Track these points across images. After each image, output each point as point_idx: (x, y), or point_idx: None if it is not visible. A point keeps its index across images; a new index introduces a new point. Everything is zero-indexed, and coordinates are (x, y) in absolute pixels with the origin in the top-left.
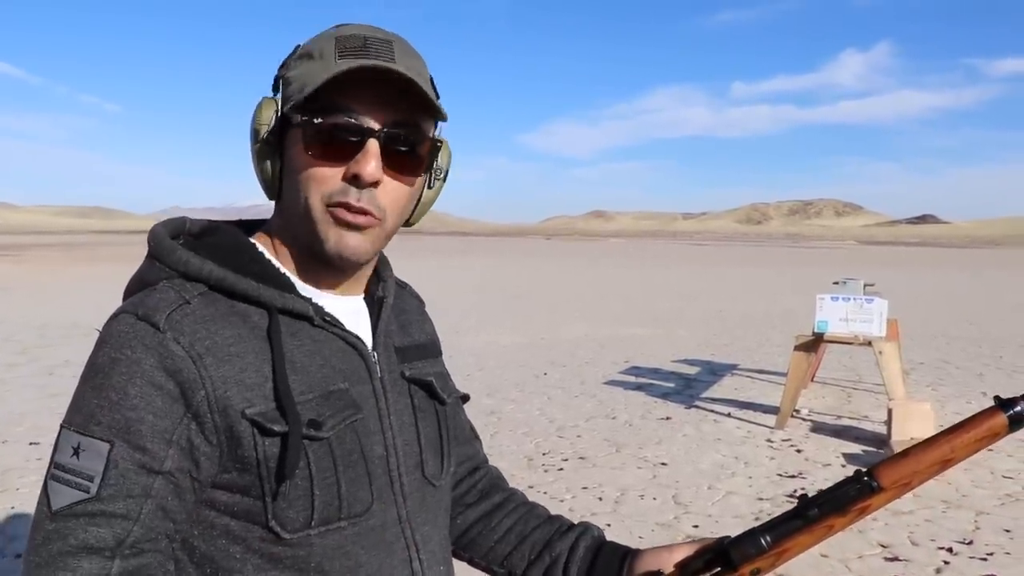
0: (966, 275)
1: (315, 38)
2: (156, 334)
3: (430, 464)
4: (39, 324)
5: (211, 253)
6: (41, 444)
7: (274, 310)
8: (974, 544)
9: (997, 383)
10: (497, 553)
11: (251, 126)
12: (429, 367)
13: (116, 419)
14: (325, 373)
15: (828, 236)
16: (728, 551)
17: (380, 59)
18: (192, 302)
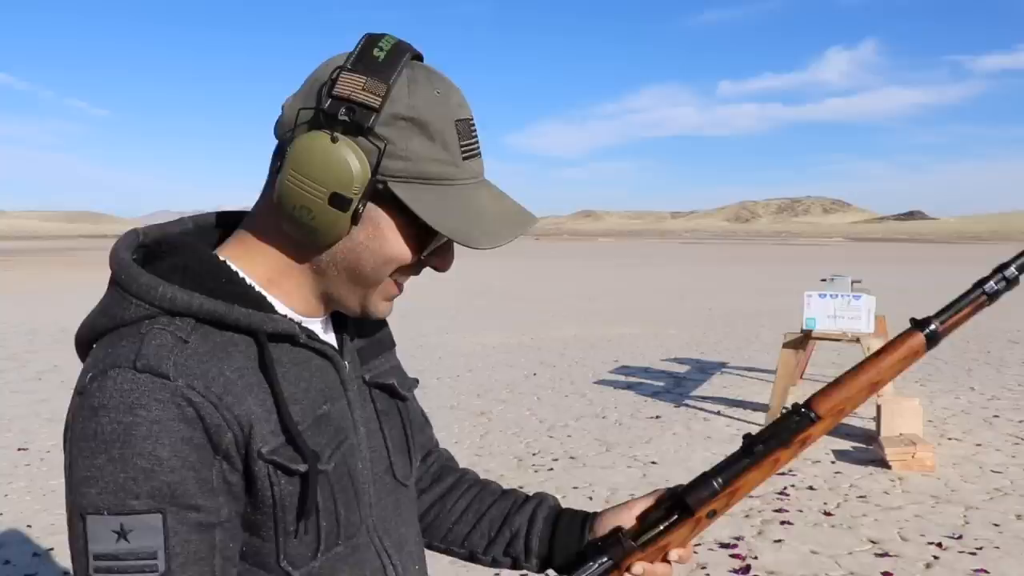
0: (953, 271)
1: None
2: (167, 385)
3: (399, 466)
4: (27, 329)
5: (187, 278)
6: (29, 450)
7: (263, 336)
8: (964, 539)
9: (985, 378)
10: (456, 534)
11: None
12: (385, 363)
13: (157, 487)
14: (310, 397)
15: (816, 233)
16: (684, 498)
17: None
18: (190, 340)
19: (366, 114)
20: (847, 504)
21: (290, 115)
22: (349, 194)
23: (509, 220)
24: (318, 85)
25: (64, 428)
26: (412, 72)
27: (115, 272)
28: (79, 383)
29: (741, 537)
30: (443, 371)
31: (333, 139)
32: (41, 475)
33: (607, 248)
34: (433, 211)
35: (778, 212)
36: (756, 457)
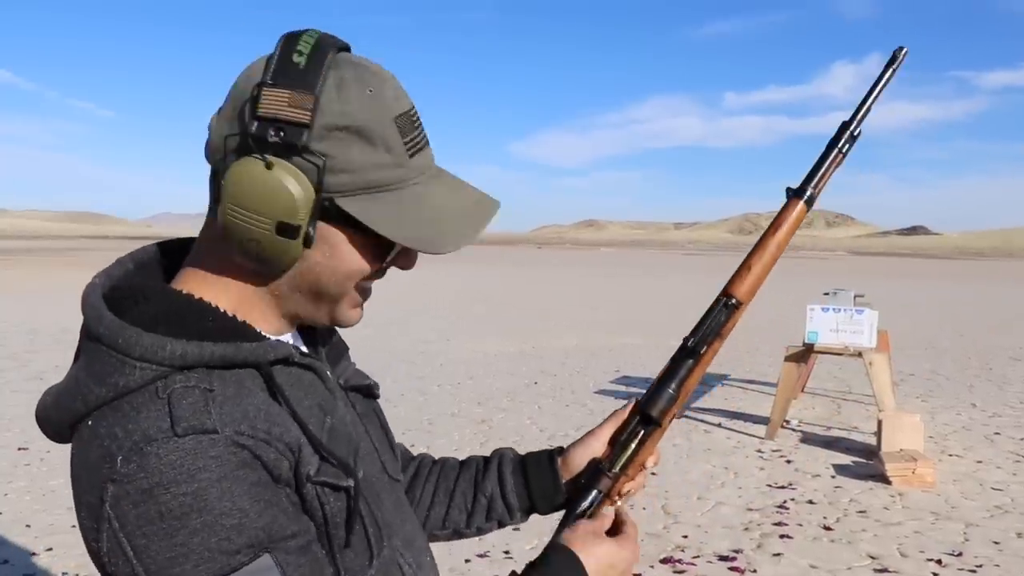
0: (956, 286)
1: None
2: (217, 439)
3: (389, 463)
4: (29, 329)
5: (175, 326)
6: (29, 450)
7: (266, 367)
8: (963, 556)
9: (987, 394)
10: (435, 517)
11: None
12: (349, 364)
13: (254, 535)
14: (315, 413)
15: (819, 247)
16: (647, 412)
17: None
18: (214, 388)
19: (297, 132)
20: (847, 519)
21: (217, 140)
22: (296, 221)
23: (469, 215)
24: (241, 104)
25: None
26: (339, 73)
27: (104, 336)
28: (99, 467)
29: (740, 550)
30: (444, 378)
31: (267, 165)
32: (41, 475)
33: (609, 258)
34: (386, 222)
35: None
36: (700, 356)
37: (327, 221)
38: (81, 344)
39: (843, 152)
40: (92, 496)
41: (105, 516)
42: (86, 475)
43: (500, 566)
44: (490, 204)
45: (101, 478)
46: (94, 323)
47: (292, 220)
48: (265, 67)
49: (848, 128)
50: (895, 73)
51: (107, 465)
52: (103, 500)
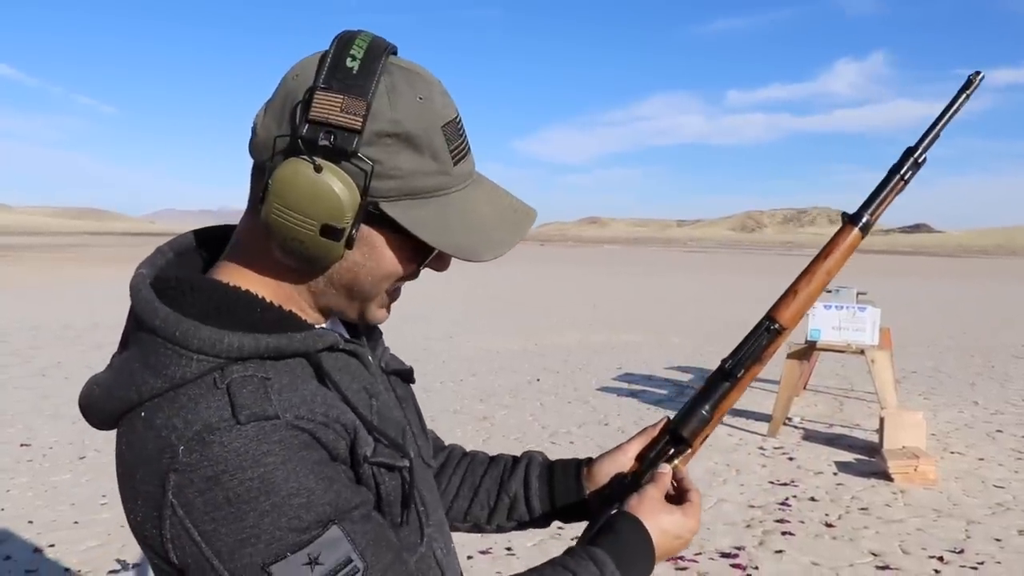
0: (958, 284)
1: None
2: (278, 424)
3: (424, 448)
4: (31, 325)
5: (226, 318)
6: (32, 446)
7: (312, 355)
8: (965, 553)
9: (989, 392)
10: (457, 510)
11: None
12: (386, 349)
13: (321, 511)
14: (362, 398)
15: (821, 244)
16: (678, 431)
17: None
18: (271, 376)
19: (348, 137)
20: (849, 516)
21: (265, 138)
22: (341, 224)
23: (508, 223)
24: (291, 105)
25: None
26: (391, 80)
27: (161, 328)
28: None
29: (742, 547)
30: (447, 375)
31: (317, 168)
32: (43, 471)
33: (612, 255)
34: (430, 228)
35: (784, 222)
36: (737, 380)
37: (369, 224)
38: (131, 335)
39: (905, 179)
40: (151, 486)
41: (168, 504)
42: (144, 465)
43: (504, 563)
44: (528, 212)
45: (162, 468)
46: (149, 315)
47: (337, 223)
48: (318, 69)
49: (912, 154)
50: (968, 98)
51: (168, 455)
52: (165, 489)
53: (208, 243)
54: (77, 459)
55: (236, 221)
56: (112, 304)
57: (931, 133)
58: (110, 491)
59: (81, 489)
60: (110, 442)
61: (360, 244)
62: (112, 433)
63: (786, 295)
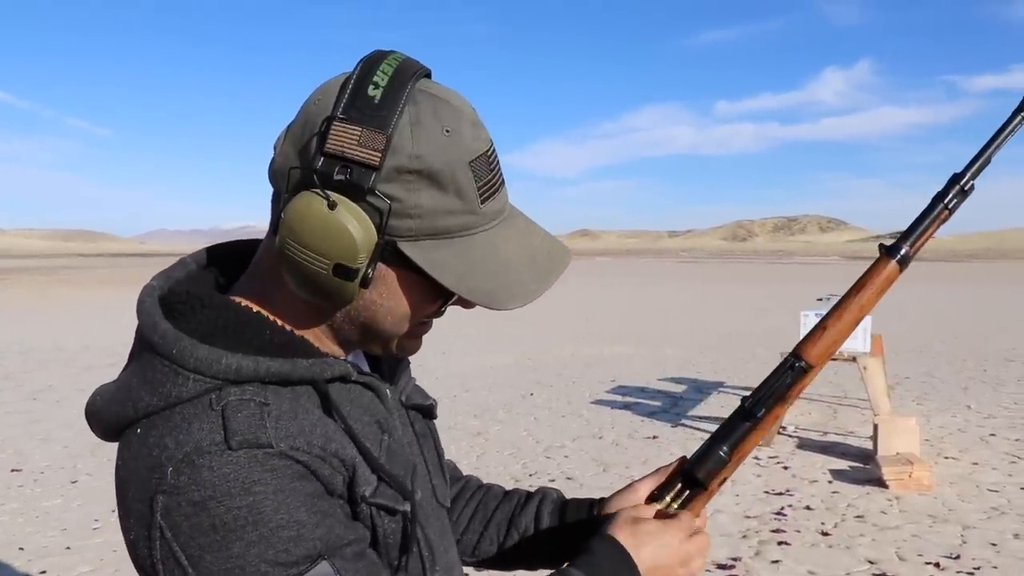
0: (949, 289)
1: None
2: (272, 453)
3: (439, 488)
4: (23, 349)
5: (233, 339)
6: (23, 471)
7: (322, 384)
8: (961, 559)
9: (982, 396)
10: (466, 543)
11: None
12: (409, 382)
13: (311, 546)
14: (373, 431)
15: (813, 252)
16: (694, 472)
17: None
18: (269, 402)
19: (365, 173)
20: (844, 524)
21: (282, 166)
22: (355, 264)
23: (537, 268)
24: (309, 133)
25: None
26: (416, 110)
27: (159, 345)
28: (148, 478)
29: (739, 558)
30: (440, 391)
31: (331, 205)
32: (35, 496)
33: (604, 267)
34: (450, 271)
35: (775, 231)
36: (759, 420)
37: (387, 263)
38: (135, 349)
39: (949, 208)
40: (142, 505)
41: (156, 525)
42: (135, 483)
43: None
44: (561, 256)
45: (151, 488)
46: (148, 330)
47: (351, 263)
48: (338, 96)
49: (959, 181)
50: (1023, 122)
51: (156, 476)
52: (153, 510)
53: (239, 257)
54: (69, 484)
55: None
56: (104, 326)
57: (980, 159)
58: (102, 516)
59: (73, 514)
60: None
61: (377, 283)
62: (104, 458)
63: (814, 331)
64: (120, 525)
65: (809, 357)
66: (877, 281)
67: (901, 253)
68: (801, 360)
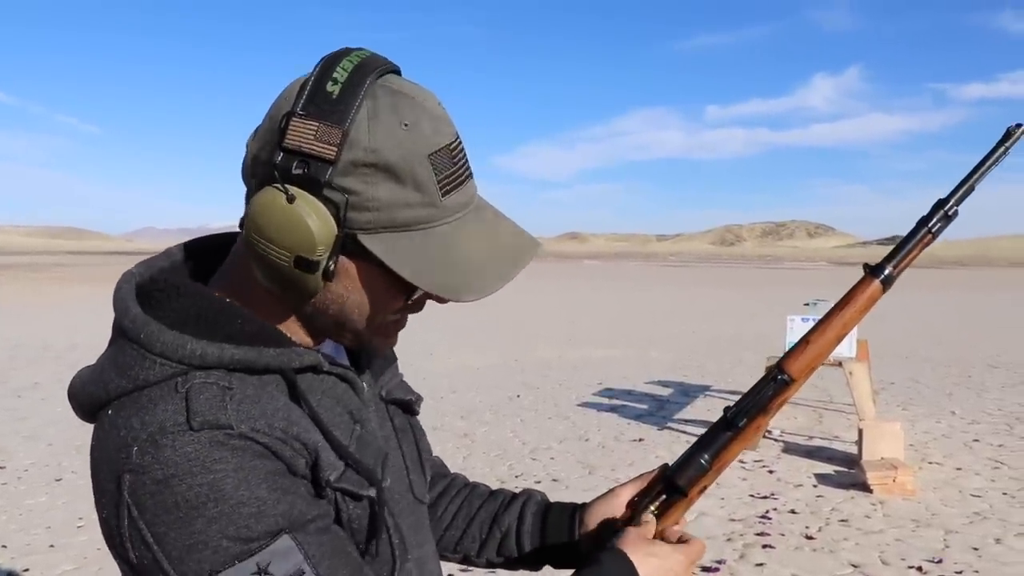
0: (935, 295)
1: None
2: (232, 433)
3: (417, 484)
4: (9, 346)
5: (203, 327)
6: (7, 468)
7: (290, 373)
8: (943, 562)
9: (966, 402)
10: (448, 540)
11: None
12: (393, 377)
13: (272, 521)
14: (344, 421)
15: (800, 257)
16: (674, 480)
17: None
18: (233, 386)
19: (322, 167)
20: (828, 528)
21: (249, 162)
22: (314, 257)
23: (500, 260)
24: (271, 131)
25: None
26: (374, 105)
27: (129, 329)
28: (116, 457)
29: (723, 561)
30: (427, 392)
31: (289, 199)
32: (18, 494)
33: (592, 270)
34: (409, 264)
35: (763, 236)
36: (740, 430)
37: (350, 256)
38: (112, 333)
39: (932, 232)
40: (111, 484)
41: (124, 503)
42: (105, 463)
43: None
44: (527, 248)
45: (118, 468)
46: (120, 315)
47: (310, 255)
48: (298, 94)
49: (943, 207)
50: (1007, 152)
51: (123, 455)
52: (120, 489)
53: (223, 249)
54: (53, 481)
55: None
56: (92, 324)
57: (964, 186)
58: (86, 514)
59: (57, 512)
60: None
61: (341, 277)
62: (88, 456)
63: (797, 345)
64: (95, 504)
65: (792, 370)
66: (861, 299)
67: (885, 273)
68: (784, 373)
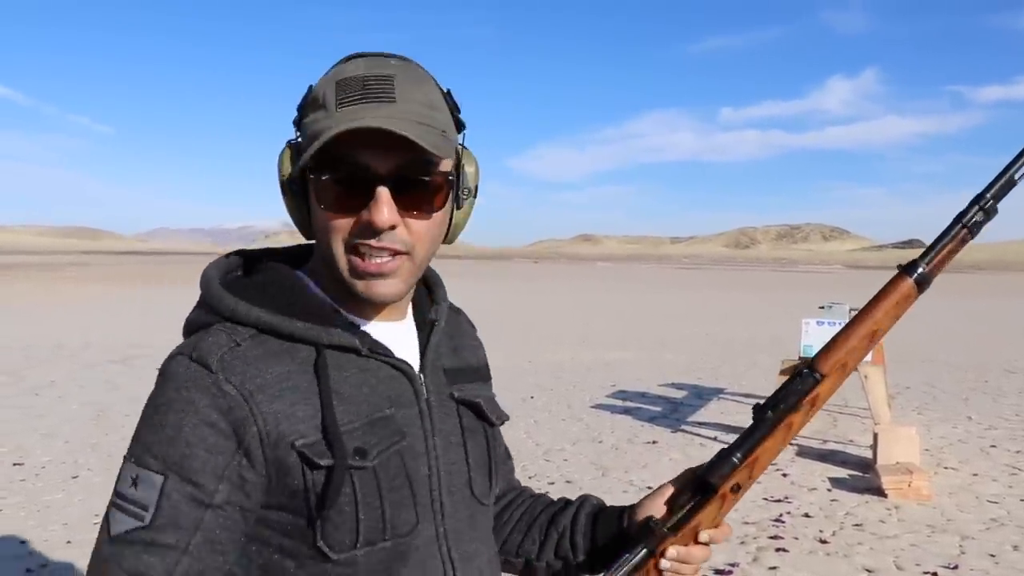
0: (951, 300)
1: (322, 78)
2: (208, 375)
3: (478, 483)
4: (24, 345)
5: (260, 294)
6: (25, 465)
7: (321, 347)
8: (959, 569)
9: (983, 407)
10: (511, 544)
11: (277, 173)
12: (478, 390)
13: (170, 454)
14: (372, 400)
15: (815, 260)
16: (706, 477)
17: (380, 100)
18: (243, 344)
19: (298, 116)
20: (843, 532)
21: None
22: (284, 179)
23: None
24: None
25: None
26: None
27: (200, 289)
28: None
29: (736, 564)
30: None
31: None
32: (36, 491)
33: (606, 272)
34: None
35: (777, 239)
36: (768, 425)
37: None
38: None
39: (968, 227)
40: None
41: None
42: None
43: None
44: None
45: None
46: (202, 280)
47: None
48: None
49: (979, 202)
50: None
51: None
52: None
53: None
54: (70, 478)
55: (231, 240)
56: (105, 323)
57: (1002, 178)
58: (103, 510)
59: (74, 509)
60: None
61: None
62: (104, 454)
63: (830, 342)
64: None
65: (822, 367)
66: (891, 298)
67: (918, 272)
68: (815, 371)
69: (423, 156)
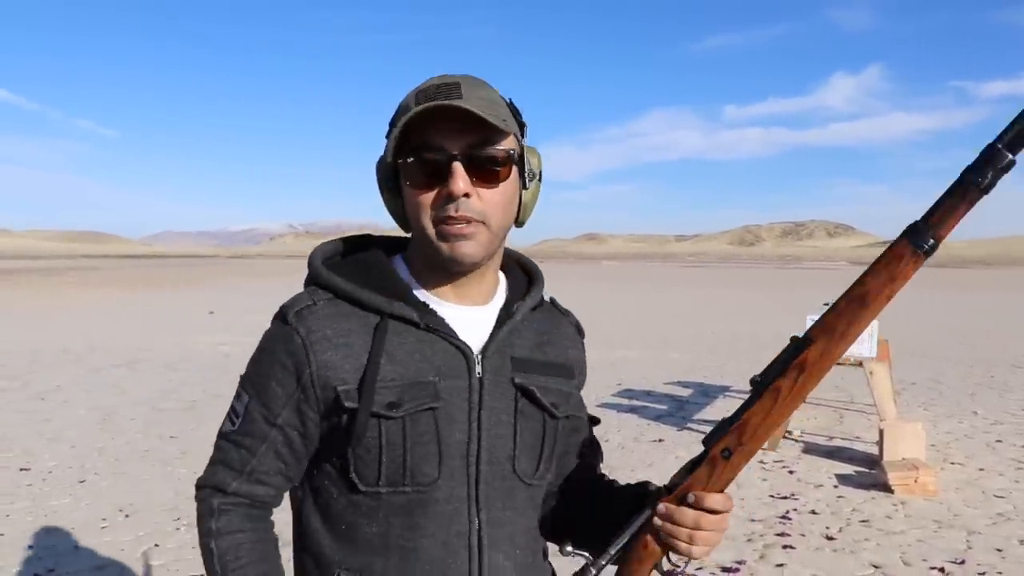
0: (957, 295)
1: (409, 93)
2: (285, 327)
3: (523, 462)
4: (31, 349)
5: (346, 269)
6: (31, 470)
7: (385, 315)
8: (966, 564)
9: (989, 402)
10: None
11: (376, 176)
12: (549, 383)
13: (255, 382)
14: (420, 367)
15: (820, 257)
16: (704, 443)
17: (449, 99)
18: (319, 304)
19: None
20: (849, 528)
21: None
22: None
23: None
24: None
25: None
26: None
27: (310, 266)
28: None
29: (743, 561)
30: None
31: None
32: (43, 495)
33: (611, 271)
34: None
35: (782, 236)
36: (757, 390)
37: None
38: None
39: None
40: None
41: None
42: None
43: None
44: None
45: None
46: (309, 256)
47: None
48: None
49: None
50: None
51: None
52: None
53: None
54: (77, 483)
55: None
56: (111, 327)
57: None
58: (110, 515)
59: (80, 513)
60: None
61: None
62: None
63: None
64: None
65: (812, 332)
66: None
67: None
68: (809, 337)
69: (489, 135)
